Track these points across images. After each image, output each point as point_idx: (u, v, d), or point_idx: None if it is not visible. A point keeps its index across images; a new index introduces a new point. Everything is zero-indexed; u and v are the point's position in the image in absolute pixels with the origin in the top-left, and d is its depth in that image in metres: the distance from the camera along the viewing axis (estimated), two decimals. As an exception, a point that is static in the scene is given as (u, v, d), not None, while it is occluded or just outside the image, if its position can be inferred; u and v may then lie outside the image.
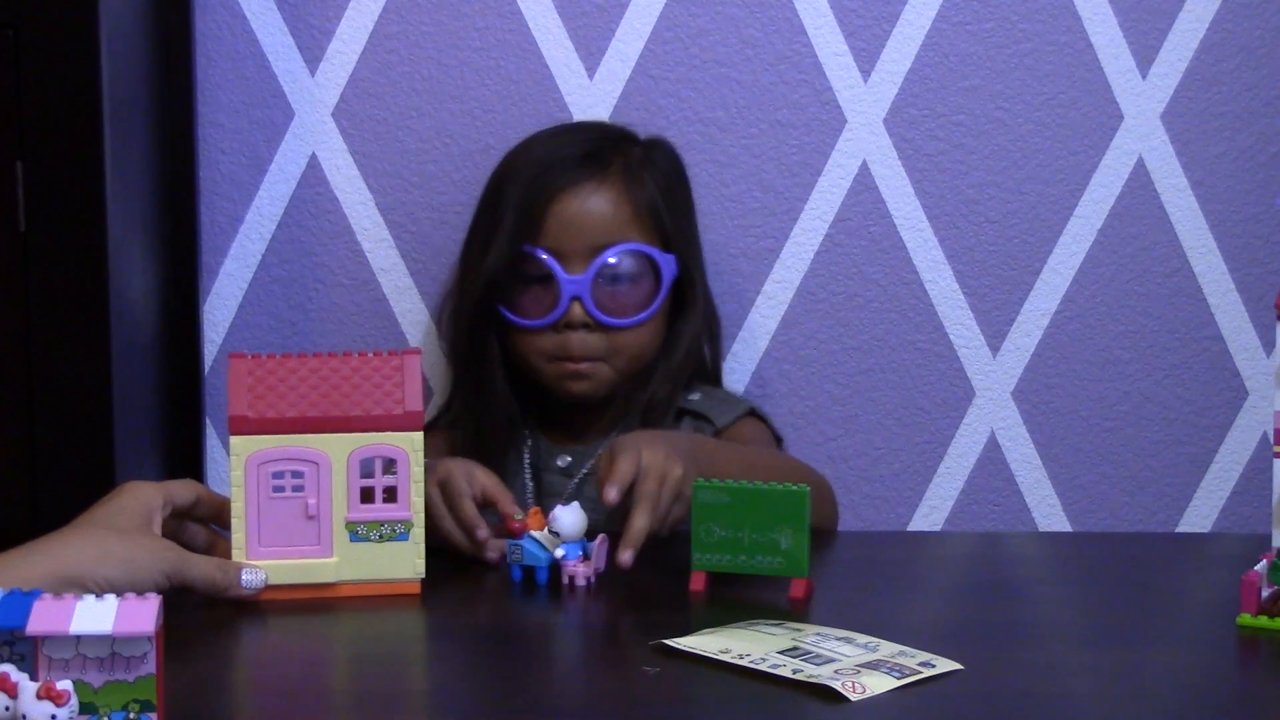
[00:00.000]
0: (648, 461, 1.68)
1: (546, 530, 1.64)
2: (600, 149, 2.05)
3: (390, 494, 1.60)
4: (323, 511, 1.59)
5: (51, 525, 1.88)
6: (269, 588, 1.59)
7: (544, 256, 2.00)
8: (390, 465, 1.60)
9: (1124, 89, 2.22)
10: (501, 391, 2.04)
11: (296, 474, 1.59)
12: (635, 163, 2.05)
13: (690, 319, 2.07)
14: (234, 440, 1.58)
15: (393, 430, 1.59)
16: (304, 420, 1.59)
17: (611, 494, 1.65)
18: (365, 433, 1.59)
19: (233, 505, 1.58)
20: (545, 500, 2.01)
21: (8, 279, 1.86)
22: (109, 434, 1.88)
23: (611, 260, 2.00)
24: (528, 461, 2.06)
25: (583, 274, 1.99)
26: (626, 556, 1.63)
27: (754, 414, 2.08)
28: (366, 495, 1.60)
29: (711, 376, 2.14)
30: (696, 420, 2.05)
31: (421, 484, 1.60)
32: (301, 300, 2.23)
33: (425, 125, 2.21)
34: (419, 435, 1.60)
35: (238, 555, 1.59)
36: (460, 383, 2.08)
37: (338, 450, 1.59)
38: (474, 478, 1.72)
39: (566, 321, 2.00)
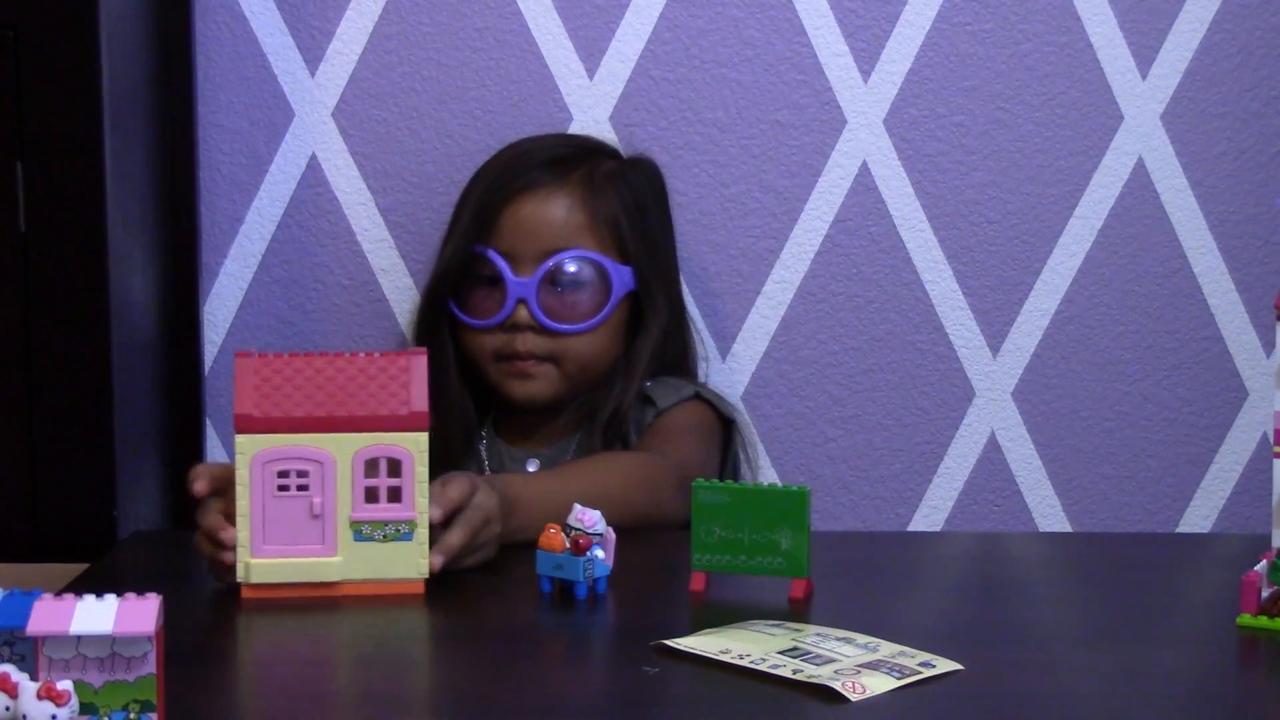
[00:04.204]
0: (480, 499, 1.66)
1: (587, 532, 1.62)
2: (568, 156, 2.06)
3: (394, 494, 1.60)
4: (327, 511, 1.59)
5: (52, 525, 1.89)
6: (273, 586, 1.59)
7: (494, 257, 2.01)
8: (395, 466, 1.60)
9: (1124, 89, 2.22)
10: (455, 390, 2.04)
11: (301, 473, 1.59)
12: (602, 174, 2.05)
13: (647, 337, 2.06)
14: (239, 439, 1.58)
15: (397, 431, 1.59)
16: (309, 419, 1.59)
17: (436, 514, 1.62)
18: (370, 433, 1.59)
19: (238, 503, 1.58)
20: None
21: (8, 279, 1.86)
22: (109, 434, 1.88)
23: (558, 265, 2.01)
24: (487, 464, 2.06)
25: (530, 277, 2.01)
26: (437, 561, 1.61)
27: (700, 398, 2.07)
28: (371, 495, 1.60)
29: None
30: (643, 405, 2.04)
31: (426, 484, 1.60)
32: (301, 300, 2.23)
33: (425, 125, 2.21)
34: (424, 436, 1.60)
35: (242, 553, 1.59)
36: None
37: (342, 450, 1.59)
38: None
39: (513, 323, 2.01)
